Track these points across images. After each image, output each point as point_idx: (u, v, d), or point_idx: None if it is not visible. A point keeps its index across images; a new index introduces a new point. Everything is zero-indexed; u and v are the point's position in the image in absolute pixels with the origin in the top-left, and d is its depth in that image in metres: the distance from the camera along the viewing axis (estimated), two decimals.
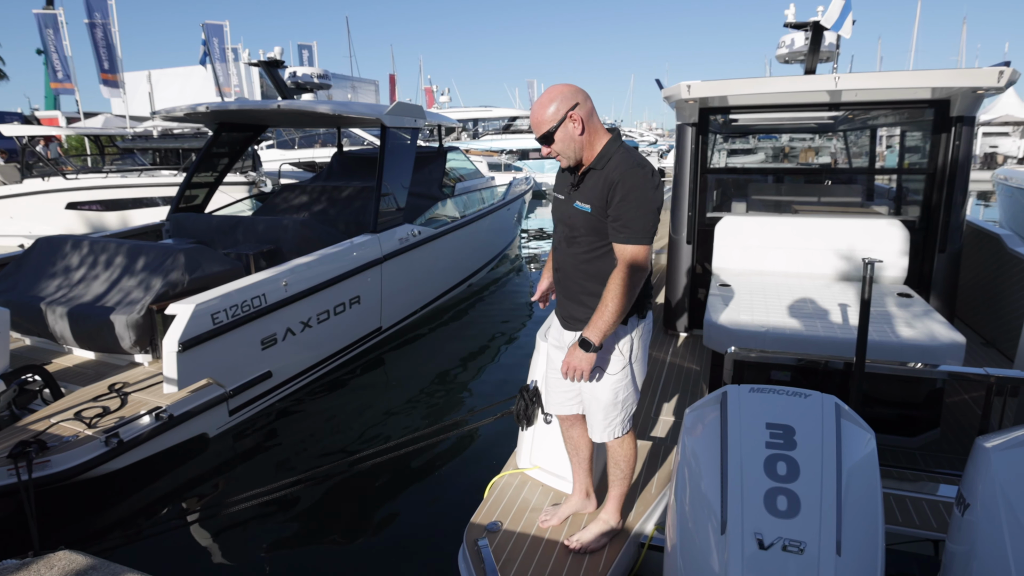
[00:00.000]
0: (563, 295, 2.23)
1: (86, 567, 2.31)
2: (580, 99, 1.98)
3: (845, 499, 1.48)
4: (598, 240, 2.04)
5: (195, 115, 6.15)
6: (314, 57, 30.75)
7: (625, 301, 1.94)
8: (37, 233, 9.52)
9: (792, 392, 1.72)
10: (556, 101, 1.96)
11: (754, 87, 3.83)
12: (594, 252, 2.06)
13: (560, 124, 1.96)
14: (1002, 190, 10.53)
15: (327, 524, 3.35)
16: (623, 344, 2.12)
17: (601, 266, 2.06)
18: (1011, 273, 4.22)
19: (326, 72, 8.20)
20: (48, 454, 3.17)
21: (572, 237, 2.10)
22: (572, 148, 2.00)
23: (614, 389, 2.15)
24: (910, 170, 4.95)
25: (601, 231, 2.02)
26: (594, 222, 2.01)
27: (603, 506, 2.42)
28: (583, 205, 2.03)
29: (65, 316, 4.18)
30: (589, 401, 2.22)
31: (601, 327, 1.95)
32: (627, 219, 1.93)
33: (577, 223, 2.06)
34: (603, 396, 2.16)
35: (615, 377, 2.14)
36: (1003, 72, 3.34)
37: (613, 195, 1.94)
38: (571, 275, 2.15)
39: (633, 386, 2.20)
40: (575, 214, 2.06)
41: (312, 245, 5.17)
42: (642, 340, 2.18)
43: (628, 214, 1.93)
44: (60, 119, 19.14)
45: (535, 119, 1.99)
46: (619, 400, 2.17)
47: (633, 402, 2.23)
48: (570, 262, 2.13)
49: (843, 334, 2.96)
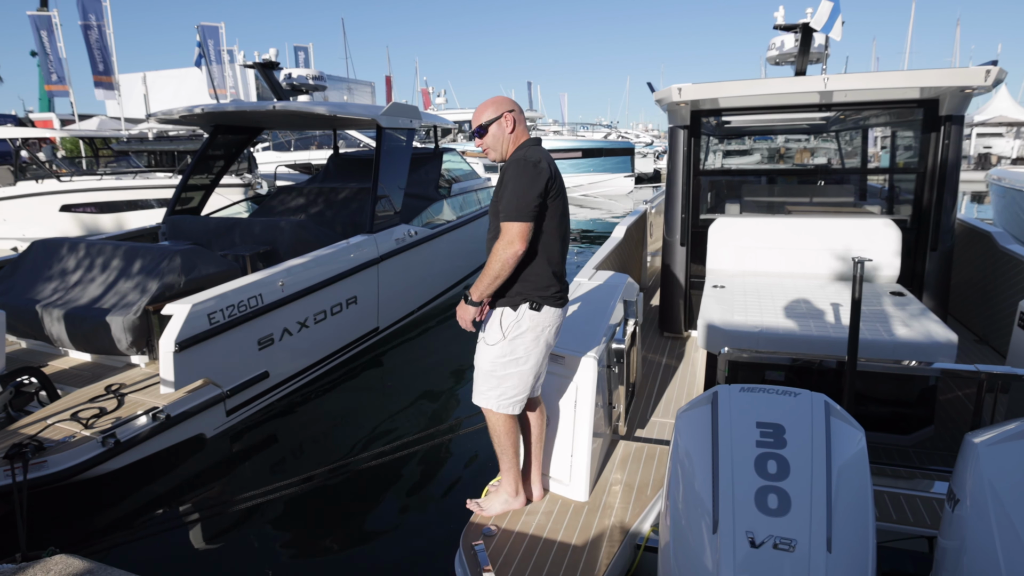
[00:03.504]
0: None
1: (82, 570, 2.31)
2: (514, 107, 2.38)
3: (835, 497, 1.50)
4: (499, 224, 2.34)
5: (191, 117, 6.15)
6: (310, 59, 30.73)
7: (497, 267, 2.22)
8: (31, 236, 9.47)
9: (782, 391, 1.74)
10: (496, 104, 2.36)
11: (744, 89, 3.85)
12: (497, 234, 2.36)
13: (495, 120, 2.33)
14: (995, 190, 10.60)
15: (323, 527, 3.36)
16: (505, 321, 2.35)
17: None
18: (1003, 270, 4.26)
19: (321, 74, 8.22)
20: (45, 455, 3.17)
21: (491, 226, 2.39)
22: (500, 143, 2.36)
23: (490, 360, 2.39)
24: (901, 169, 4.99)
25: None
26: (495, 207, 2.35)
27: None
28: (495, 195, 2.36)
29: (61, 318, 4.18)
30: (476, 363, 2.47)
31: (479, 285, 2.27)
32: (505, 200, 2.24)
33: (491, 212, 2.39)
34: (481, 363, 2.43)
35: (492, 349, 2.37)
36: (989, 71, 3.38)
37: (502, 181, 2.29)
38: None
39: (516, 369, 2.37)
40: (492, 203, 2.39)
41: (308, 246, 5.18)
42: (532, 329, 2.34)
43: (505, 196, 2.24)
44: (54, 121, 19.06)
45: (476, 115, 2.35)
46: (496, 374, 2.38)
47: (514, 385, 2.39)
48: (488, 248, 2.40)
49: (836, 333, 2.98)
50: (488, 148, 2.37)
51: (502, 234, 2.22)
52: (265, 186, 12.05)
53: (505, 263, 2.22)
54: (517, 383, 2.39)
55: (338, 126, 7.90)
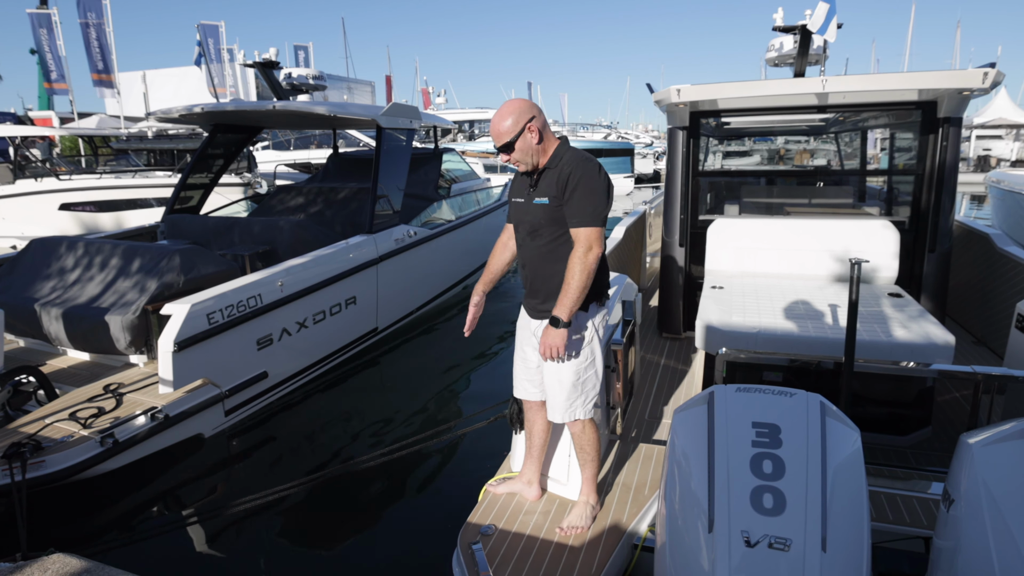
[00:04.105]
0: (530, 288, 2.41)
1: (80, 570, 2.31)
2: (535, 112, 2.24)
3: (830, 496, 1.51)
4: (557, 230, 2.27)
5: (190, 116, 6.15)
6: (310, 58, 30.72)
7: (584, 279, 2.16)
8: (29, 234, 9.47)
9: (778, 391, 1.75)
10: (514, 115, 2.20)
11: (743, 91, 3.86)
12: (556, 241, 2.28)
13: (520, 135, 2.20)
14: (994, 192, 10.61)
15: (321, 527, 3.36)
16: (586, 328, 2.32)
17: (562, 253, 2.27)
18: (1001, 272, 4.27)
19: (321, 73, 8.23)
20: (43, 454, 3.17)
21: (535, 231, 2.31)
22: (530, 155, 2.25)
23: (576, 371, 2.33)
24: (900, 171, 5.00)
25: (559, 221, 2.25)
26: (552, 212, 2.24)
27: (581, 488, 2.56)
28: (541, 199, 2.26)
29: (60, 317, 4.18)
30: (552, 383, 2.38)
31: (567, 304, 2.17)
32: (579, 205, 2.17)
33: (538, 216, 2.27)
34: (566, 377, 2.33)
35: (577, 359, 2.32)
36: (987, 73, 3.39)
37: (567, 186, 2.19)
38: (537, 267, 2.35)
39: (594, 370, 2.38)
40: (535, 209, 2.28)
41: (308, 246, 5.18)
42: (602, 326, 2.38)
43: (580, 201, 2.17)
44: (54, 119, 19.05)
45: (496, 131, 2.21)
46: (581, 382, 2.35)
47: (594, 386, 2.39)
48: (535, 255, 2.34)
49: (834, 334, 2.99)
50: (518, 162, 2.26)
51: (580, 241, 2.16)
52: (264, 185, 12.04)
53: (591, 272, 2.16)
54: (595, 383, 2.39)
55: (338, 126, 7.90)
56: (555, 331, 2.19)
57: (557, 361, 2.29)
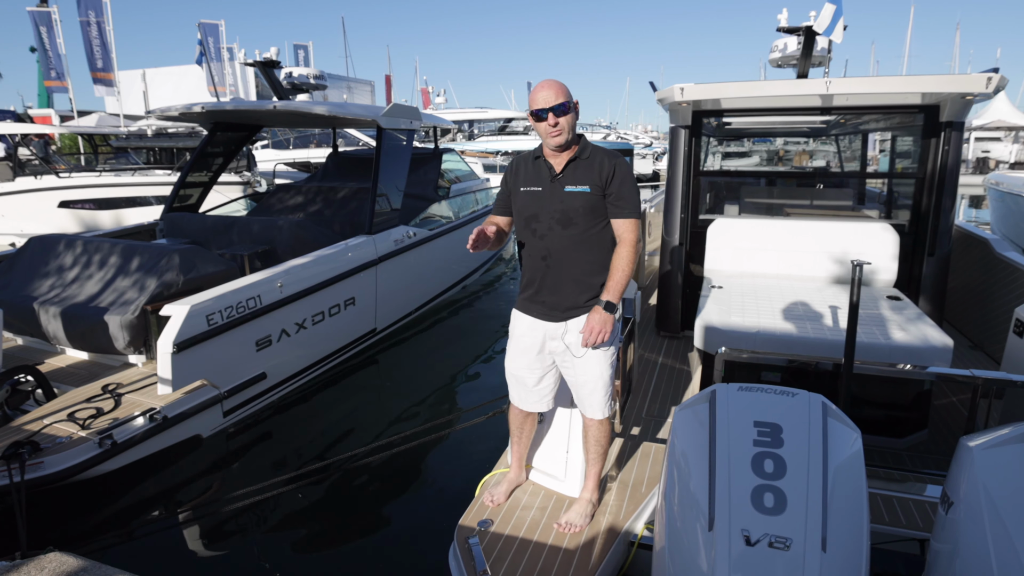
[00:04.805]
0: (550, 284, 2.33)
1: (77, 569, 2.31)
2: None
3: (831, 496, 1.51)
4: (595, 219, 2.26)
5: (190, 115, 6.14)
6: (310, 57, 30.70)
7: (632, 267, 2.21)
8: (29, 232, 9.45)
9: (780, 391, 1.75)
10: (566, 89, 2.22)
11: (746, 91, 3.86)
12: (591, 230, 2.27)
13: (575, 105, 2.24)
14: (993, 194, 10.63)
15: (319, 523, 3.36)
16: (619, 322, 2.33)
17: (595, 243, 2.28)
18: (999, 277, 4.28)
19: (322, 72, 8.20)
20: (41, 455, 3.16)
21: (568, 220, 2.26)
22: (571, 129, 2.23)
23: (607, 365, 2.35)
24: (900, 174, 5.00)
25: (598, 210, 2.25)
26: (594, 201, 2.24)
27: (585, 485, 2.55)
28: (580, 187, 2.24)
29: (58, 316, 4.17)
30: (585, 381, 2.35)
31: (618, 290, 2.21)
32: (629, 196, 2.23)
33: (575, 204, 2.25)
34: (604, 372, 2.34)
35: (608, 352, 2.34)
36: (991, 78, 3.39)
37: (611, 178, 2.23)
38: (569, 255, 2.29)
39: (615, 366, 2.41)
40: (571, 196, 2.25)
41: (307, 246, 5.18)
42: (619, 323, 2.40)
43: (629, 192, 2.24)
44: (53, 117, 19.03)
45: (557, 88, 2.18)
46: (609, 376, 2.37)
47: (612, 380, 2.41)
48: (566, 244, 2.27)
49: (833, 336, 2.99)
50: (563, 130, 2.19)
51: (629, 230, 2.23)
52: (264, 184, 12.03)
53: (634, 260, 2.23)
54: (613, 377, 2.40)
55: (338, 126, 7.90)
56: (607, 315, 2.20)
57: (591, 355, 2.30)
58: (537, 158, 2.32)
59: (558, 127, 2.17)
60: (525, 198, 2.32)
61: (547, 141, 2.23)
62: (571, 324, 2.32)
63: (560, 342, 2.35)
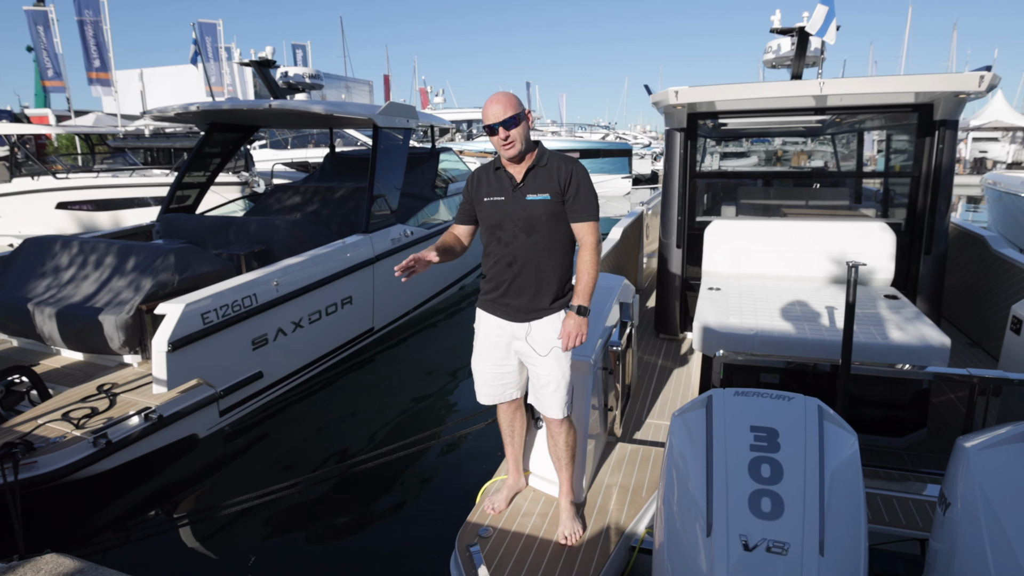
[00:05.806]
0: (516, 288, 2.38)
1: (74, 570, 2.30)
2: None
3: (828, 500, 1.50)
4: (557, 224, 2.33)
5: (186, 115, 6.13)
6: (308, 57, 30.67)
7: (596, 269, 2.27)
8: (26, 233, 9.42)
9: (776, 395, 1.74)
10: (514, 99, 2.29)
11: (741, 92, 3.86)
12: (554, 236, 2.34)
13: (524, 116, 2.30)
14: (991, 194, 10.66)
15: (317, 528, 3.34)
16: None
17: (558, 248, 2.35)
18: (996, 274, 4.28)
19: (318, 72, 8.18)
20: (35, 455, 3.15)
21: (532, 227, 2.32)
22: (523, 140, 2.30)
23: (568, 365, 2.40)
24: (896, 173, 5.01)
25: (559, 216, 2.32)
26: (555, 207, 2.31)
27: (561, 490, 2.53)
28: (540, 196, 2.30)
29: (53, 316, 4.15)
30: (547, 382, 2.40)
31: (588, 293, 2.26)
32: (585, 202, 2.30)
33: (537, 212, 2.31)
34: (564, 373, 2.40)
35: (566, 354, 2.38)
36: (983, 77, 3.39)
37: (568, 185, 2.29)
38: (535, 261, 2.35)
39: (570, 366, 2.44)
40: (533, 205, 2.31)
41: (304, 246, 5.16)
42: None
43: (585, 198, 2.30)
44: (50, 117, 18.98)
45: (505, 102, 2.25)
46: (567, 377, 2.40)
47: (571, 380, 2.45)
48: (531, 250, 2.33)
49: (830, 336, 2.99)
50: (514, 141, 2.27)
51: (590, 234, 2.29)
52: (261, 184, 12.01)
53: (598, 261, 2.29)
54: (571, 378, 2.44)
55: (335, 125, 7.88)
56: (580, 319, 2.26)
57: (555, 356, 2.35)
58: (498, 168, 2.38)
59: (509, 139, 2.25)
60: (489, 208, 2.39)
61: (502, 153, 2.30)
62: (535, 325, 2.38)
63: (524, 342, 2.40)
